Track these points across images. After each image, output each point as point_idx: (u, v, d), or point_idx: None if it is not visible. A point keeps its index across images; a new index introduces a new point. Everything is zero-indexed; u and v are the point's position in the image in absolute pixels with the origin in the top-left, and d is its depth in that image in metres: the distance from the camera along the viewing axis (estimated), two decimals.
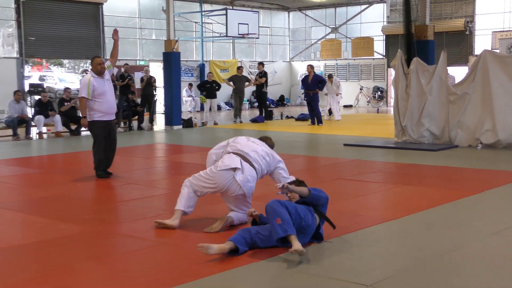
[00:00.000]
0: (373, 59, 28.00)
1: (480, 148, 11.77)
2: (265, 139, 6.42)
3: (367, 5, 28.39)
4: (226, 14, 23.36)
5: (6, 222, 6.50)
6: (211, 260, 4.85)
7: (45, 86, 21.20)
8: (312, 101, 17.87)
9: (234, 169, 5.74)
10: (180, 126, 17.76)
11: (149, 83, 17.87)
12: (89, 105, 8.82)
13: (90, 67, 9.10)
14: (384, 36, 27.67)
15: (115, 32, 9.31)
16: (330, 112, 20.06)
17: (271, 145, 6.46)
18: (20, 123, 15.00)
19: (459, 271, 4.61)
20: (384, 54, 27.85)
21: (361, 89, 28.06)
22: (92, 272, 4.66)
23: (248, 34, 23.80)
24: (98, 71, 8.84)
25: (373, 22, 28.22)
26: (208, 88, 19.03)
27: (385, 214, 6.52)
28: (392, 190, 8.02)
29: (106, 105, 8.84)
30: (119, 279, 4.47)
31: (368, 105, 27.70)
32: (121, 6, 23.70)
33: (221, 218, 5.78)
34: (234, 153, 5.91)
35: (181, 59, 18.99)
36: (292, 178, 5.95)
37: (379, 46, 27.90)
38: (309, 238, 5.24)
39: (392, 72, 23.47)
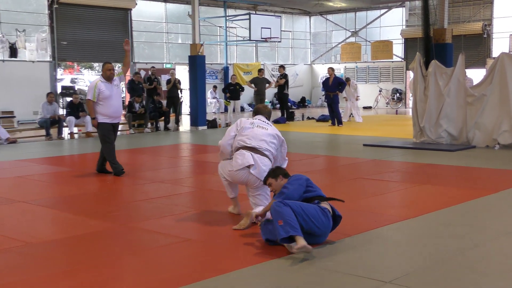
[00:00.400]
0: (392, 61, 27.79)
1: (497, 148, 11.63)
2: (261, 111, 6.37)
3: (386, 10, 28.19)
4: (249, 19, 23.35)
5: (39, 218, 6.57)
6: (234, 256, 4.85)
7: (76, 88, 21.43)
8: (332, 103, 17.80)
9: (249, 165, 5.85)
10: (205, 127, 17.81)
11: (174, 85, 17.99)
12: (95, 107, 9.02)
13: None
14: (403, 40, 27.45)
15: (126, 42, 9.39)
16: (351, 115, 20.03)
17: (269, 113, 6.45)
18: (52, 123, 15.17)
19: (476, 269, 4.55)
20: (402, 57, 27.64)
21: (380, 91, 27.88)
22: (119, 266, 4.69)
23: (270, 38, 23.76)
24: (107, 76, 9.03)
25: (392, 26, 28.00)
26: (231, 90, 19.08)
27: (404, 213, 6.46)
28: (411, 189, 7.95)
29: (110, 109, 9.02)
30: (145, 273, 4.49)
31: (387, 106, 27.50)
32: (149, 12, 23.85)
33: (246, 214, 5.79)
34: (244, 148, 5.93)
35: (206, 62, 19.05)
36: (286, 160, 6.26)
37: (398, 49, 27.68)
38: (327, 236, 5.19)
39: (410, 74, 23.29)
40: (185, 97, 20.29)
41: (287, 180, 5.39)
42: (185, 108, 21.55)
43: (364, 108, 26.13)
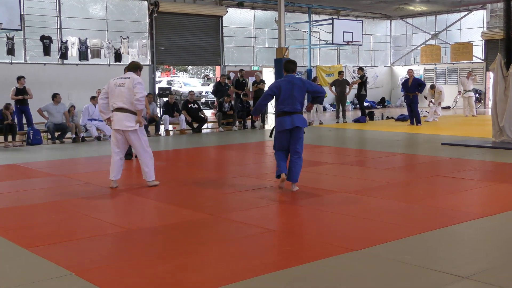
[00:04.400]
0: (472, 63, 26.71)
1: None
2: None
3: (467, 12, 27.11)
4: (332, 24, 23.18)
5: (138, 207, 6.80)
6: (316, 247, 4.82)
7: (172, 90, 22.01)
8: (411, 103, 17.38)
9: None
10: None
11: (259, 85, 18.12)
12: None
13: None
14: (483, 41, 26.31)
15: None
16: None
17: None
18: (150, 122, 15.65)
19: None
20: (483, 58, 26.50)
21: (459, 91, 26.85)
22: (209, 254, 4.77)
23: (352, 41, 23.47)
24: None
25: (472, 28, 26.92)
26: None
27: (482, 210, 6.19)
28: (489, 187, 7.61)
29: None
30: (232, 261, 4.54)
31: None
32: (238, 18, 24.13)
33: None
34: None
35: None
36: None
37: (478, 51, 26.57)
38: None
39: (490, 75, 22.27)
40: None
41: None
42: (270, 107, 21.62)
43: (443, 108, 25.25)
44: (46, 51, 18.27)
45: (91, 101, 14.98)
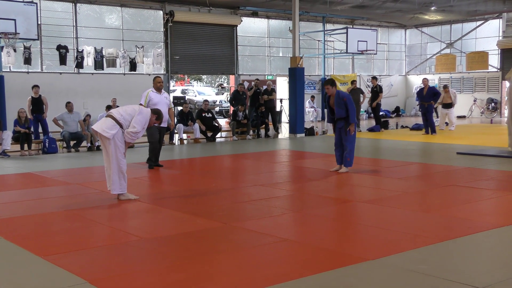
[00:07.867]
0: (488, 72, 26.54)
1: None
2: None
3: (482, 21, 26.97)
4: (346, 33, 23.16)
5: (153, 216, 6.81)
6: (330, 256, 4.80)
7: (186, 98, 22.09)
8: (426, 112, 17.32)
9: None
10: (303, 134, 17.80)
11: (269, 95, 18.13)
12: None
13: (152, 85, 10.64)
14: (499, 50, 26.14)
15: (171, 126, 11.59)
16: (446, 123, 19.38)
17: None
18: (166, 130, 15.68)
19: None
20: (498, 67, 26.32)
21: (474, 100, 26.70)
22: (223, 263, 4.76)
23: (366, 50, 23.43)
24: (157, 88, 10.52)
25: (488, 37, 26.76)
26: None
27: (498, 220, 6.13)
28: (505, 197, 7.52)
29: None
30: (246, 270, 4.54)
31: (481, 116, 26.27)
32: (253, 27, 24.21)
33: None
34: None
35: (305, 74, 19.04)
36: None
37: (494, 60, 26.40)
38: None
39: (506, 84, 22.09)
40: (284, 106, 20.37)
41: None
42: (284, 116, 21.62)
43: (458, 117, 25.11)
44: (62, 61, 18.46)
45: (106, 110, 15.09)
